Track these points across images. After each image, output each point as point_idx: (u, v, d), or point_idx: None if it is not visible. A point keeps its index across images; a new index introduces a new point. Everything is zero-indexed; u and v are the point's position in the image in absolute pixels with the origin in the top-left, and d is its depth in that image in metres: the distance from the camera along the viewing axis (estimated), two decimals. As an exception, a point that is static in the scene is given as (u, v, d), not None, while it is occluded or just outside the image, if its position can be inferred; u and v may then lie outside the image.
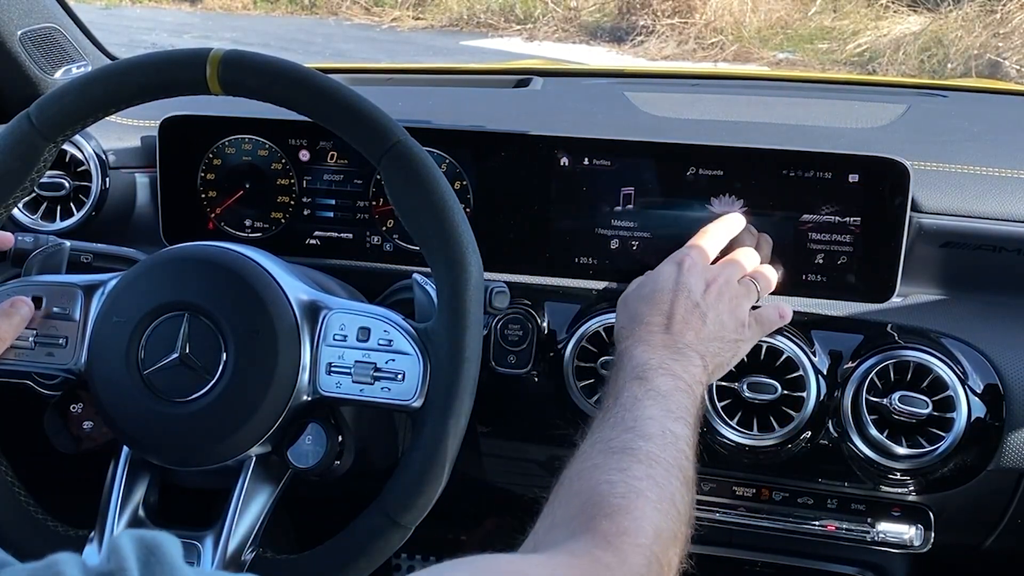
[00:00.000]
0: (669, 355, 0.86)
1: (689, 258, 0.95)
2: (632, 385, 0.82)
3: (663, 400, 0.80)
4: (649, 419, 0.78)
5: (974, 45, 6.93)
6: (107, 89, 0.84)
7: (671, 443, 0.76)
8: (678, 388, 0.82)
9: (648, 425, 0.77)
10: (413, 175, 0.82)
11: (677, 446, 0.77)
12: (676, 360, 0.85)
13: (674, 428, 0.78)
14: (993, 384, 0.99)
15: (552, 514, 0.72)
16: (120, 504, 0.88)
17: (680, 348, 0.87)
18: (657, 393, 0.81)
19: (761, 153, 1.03)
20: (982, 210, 1.03)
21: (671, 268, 0.94)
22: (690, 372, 0.85)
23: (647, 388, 0.81)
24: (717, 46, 8.05)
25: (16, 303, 0.88)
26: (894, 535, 1.05)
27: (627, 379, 0.83)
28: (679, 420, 0.79)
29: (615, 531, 0.67)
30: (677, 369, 0.84)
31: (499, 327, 1.07)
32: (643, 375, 0.83)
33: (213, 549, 0.86)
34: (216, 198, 1.16)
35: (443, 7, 9.85)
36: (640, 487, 0.71)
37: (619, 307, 0.97)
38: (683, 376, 0.84)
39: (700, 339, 0.89)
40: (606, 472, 0.72)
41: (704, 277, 0.93)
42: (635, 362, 0.85)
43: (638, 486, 0.71)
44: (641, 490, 0.70)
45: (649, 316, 0.90)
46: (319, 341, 0.86)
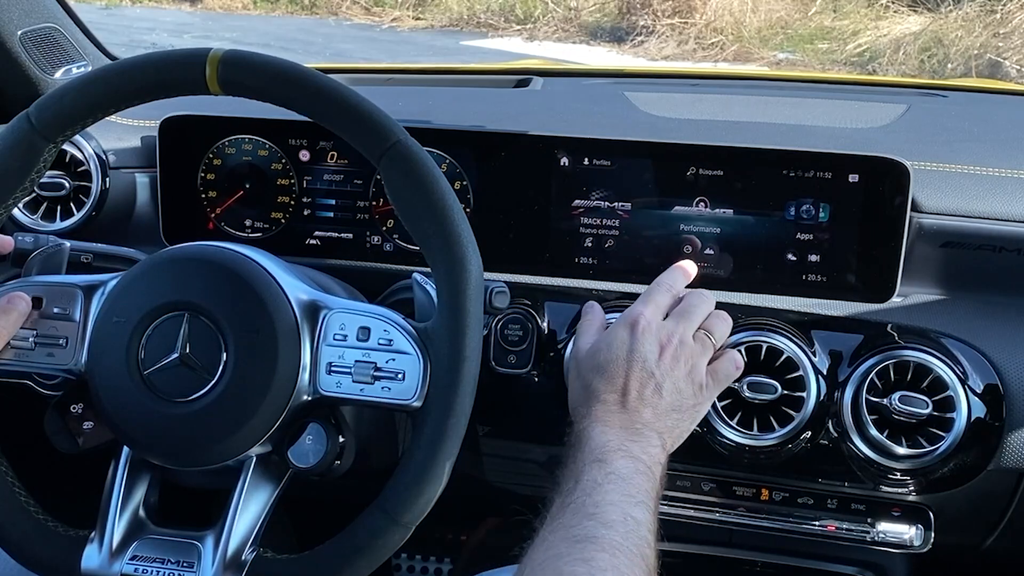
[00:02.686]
0: (627, 436, 0.85)
1: (643, 318, 0.92)
2: (592, 468, 0.81)
3: (624, 484, 0.80)
4: (610, 505, 0.77)
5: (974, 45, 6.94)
6: (107, 89, 0.84)
7: (633, 530, 0.76)
8: (638, 471, 0.82)
9: (609, 512, 0.77)
10: (413, 175, 0.82)
11: (639, 533, 0.76)
12: (635, 441, 0.85)
13: (635, 514, 0.78)
14: (993, 384, 0.99)
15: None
16: (120, 504, 0.88)
17: (638, 428, 0.86)
18: (617, 476, 0.80)
19: (761, 153, 1.03)
20: (982, 210, 1.03)
21: (624, 333, 0.92)
22: (649, 453, 0.84)
23: (607, 471, 0.81)
24: (717, 46, 8.05)
25: (13, 299, 0.88)
26: (894, 535, 1.05)
27: (586, 461, 0.82)
28: (640, 505, 0.79)
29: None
30: (636, 451, 0.84)
31: (499, 327, 1.07)
32: (602, 457, 0.82)
33: (213, 549, 0.86)
34: (216, 198, 1.16)
35: (443, 7, 9.85)
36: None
37: (571, 375, 0.95)
38: (642, 458, 0.83)
39: (657, 415, 0.88)
40: (570, 563, 0.72)
41: (658, 340, 0.91)
42: (593, 444, 0.84)
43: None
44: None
45: (604, 393, 0.89)
46: (319, 341, 0.86)
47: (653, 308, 0.94)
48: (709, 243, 1.06)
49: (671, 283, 0.98)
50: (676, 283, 0.99)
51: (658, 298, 0.96)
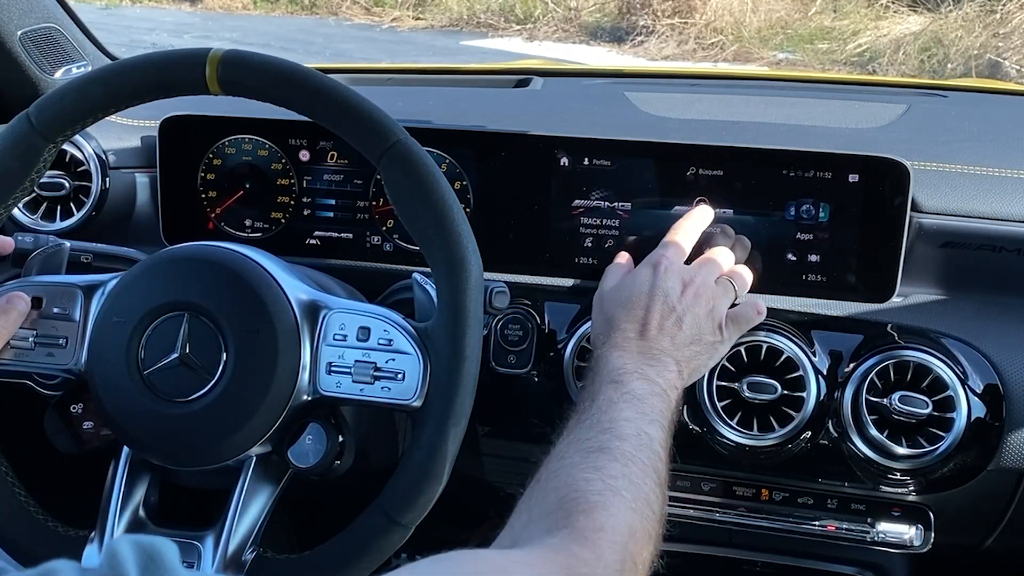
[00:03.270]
0: (644, 361, 0.87)
1: (665, 259, 0.95)
2: (608, 389, 0.83)
3: (638, 403, 0.81)
4: (624, 420, 0.79)
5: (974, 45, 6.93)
6: (107, 89, 0.84)
7: (646, 444, 0.78)
8: (653, 392, 0.84)
9: (623, 426, 0.78)
10: (413, 175, 0.82)
11: (651, 447, 0.78)
12: (651, 366, 0.86)
13: (648, 430, 0.79)
14: (993, 384, 0.99)
15: (529, 510, 0.73)
16: (120, 504, 0.88)
17: (655, 354, 0.88)
18: (632, 396, 0.82)
19: (761, 153, 1.03)
20: (982, 210, 1.03)
21: (647, 271, 0.94)
22: (665, 377, 0.86)
23: (623, 392, 0.82)
24: (717, 46, 8.05)
25: (12, 299, 0.88)
26: (894, 535, 1.05)
27: (603, 383, 0.84)
28: (654, 423, 0.80)
29: (592, 527, 0.68)
30: (652, 374, 0.85)
31: (499, 327, 1.07)
32: (618, 379, 0.84)
33: (213, 549, 0.86)
34: (216, 198, 1.16)
35: (443, 7, 9.85)
36: (616, 485, 0.72)
37: (595, 309, 0.97)
38: (658, 381, 0.85)
39: (676, 345, 0.89)
40: (583, 470, 0.73)
41: (681, 278, 0.93)
42: (611, 367, 0.86)
43: (614, 484, 0.72)
44: (617, 488, 0.72)
45: (625, 322, 0.91)
46: (319, 341, 0.86)
47: (675, 250, 0.97)
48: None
49: (690, 227, 1.00)
50: (695, 227, 1.00)
51: (680, 239, 0.98)
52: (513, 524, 0.73)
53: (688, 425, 1.02)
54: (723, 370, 1.00)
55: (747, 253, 1.04)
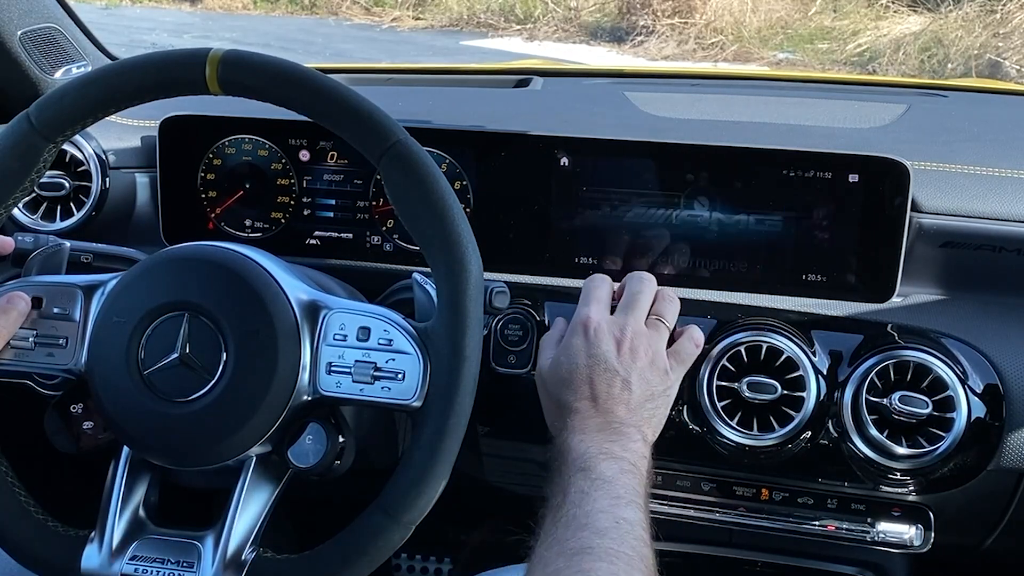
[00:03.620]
0: (606, 438, 0.85)
1: (591, 320, 0.92)
2: (577, 479, 0.81)
3: (610, 487, 0.80)
4: (600, 512, 0.77)
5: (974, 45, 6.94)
6: (107, 89, 0.84)
7: (627, 532, 0.76)
8: (623, 470, 0.82)
9: (600, 519, 0.77)
10: (413, 175, 0.82)
11: (633, 534, 0.76)
12: (614, 441, 0.85)
13: (626, 515, 0.77)
14: (993, 384, 0.99)
15: None
16: (120, 504, 0.88)
17: (615, 427, 0.86)
18: (603, 481, 0.80)
19: (761, 153, 1.03)
20: (982, 210, 1.03)
21: (578, 340, 0.91)
22: (631, 450, 0.84)
23: (592, 478, 0.81)
24: (717, 46, 8.05)
25: (12, 299, 0.88)
26: (894, 535, 1.05)
27: (571, 473, 0.82)
28: (630, 504, 0.79)
29: None
30: (617, 451, 0.83)
31: (499, 327, 1.07)
32: (585, 465, 0.82)
33: (213, 549, 0.86)
34: (216, 198, 1.16)
35: (443, 7, 9.85)
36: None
37: (540, 393, 0.95)
38: (625, 456, 0.83)
39: (631, 410, 0.88)
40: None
41: (613, 336, 0.91)
42: (575, 454, 0.84)
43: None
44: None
45: (575, 402, 0.89)
46: (319, 341, 0.86)
47: (597, 306, 0.94)
48: (709, 243, 1.06)
49: (601, 276, 0.98)
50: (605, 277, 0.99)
51: (598, 293, 0.96)
52: None
53: (688, 425, 1.02)
54: (723, 370, 1.00)
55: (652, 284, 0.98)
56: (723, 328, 1.03)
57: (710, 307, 1.06)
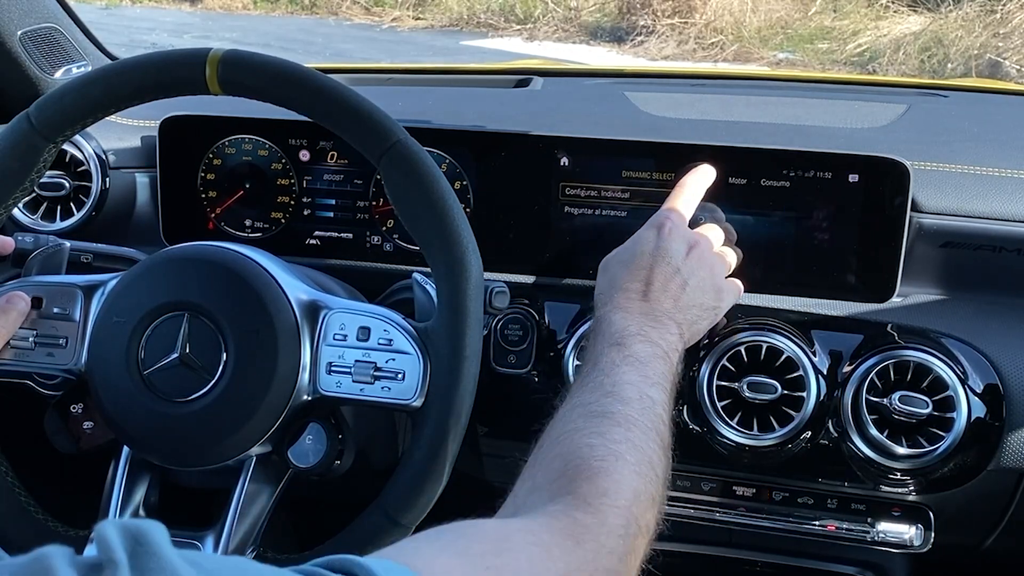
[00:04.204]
0: (647, 322, 0.86)
1: (669, 220, 0.94)
2: (610, 351, 0.82)
3: (641, 366, 0.81)
4: (627, 384, 0.78)
5: (974, 45, 6.94)
6: (107, 89, 0.84)
7: (648, 407, 0.77)
8: (655, 355, 0.83)
9: (626, 390, 0.78)
10: (413, 175, 0.82)
11: (654, 411, 0.78)
12: (654, 327, 0.86)
13: (651, 393, 0.79)
14: (993, 384, 0.99)
15: (532, 477, 0.73)
16: (120, 504, 0.88)
17: (658, 316, 0.87)
18: (635, 359, 0.81)
19: (761, 153, 1.03)
20: (982, 210, 1.03)
21: (651, 233, 0.93)
22: (667, 339, 0.85)
23: (625, 354, 0.82)
24: (717, 46, 8.05)
25: (12, 299, 0.88)
26: (894, 535, 1.05)
27: (605, 345, 0.83)
28: (656, 385, 0.80)
29: (595, 493, 0.67)
30: (654, 336, 0.84)
31: (499, 327, 1.07)
32: (621, 341, 0.83)
33: (214, 549, 0.86)
34: (216, 198, 1.16)
35: (443, 7, 9.85)
36: (619, 450, 0.71)
37: (600, 272, 0.96)
38: (660, 343, 0.84)
39: (678, 307, 0.89)
40: (586, 435, 0.73)
41: (686, 240, 0.93)
42: (613, 328, 0.85)
43: (617, 449, 0.71)
44: (620, 453, 0.71)
45: (628, 282, 0.90)
46: (319, 341, 0.86)
47: (678, 213, 0.96)
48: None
49: (692, 188, 1.00)
50: (698, 188, 1.00)
51: (683, 201, 0.98)
52: (516, 492, 0.73)
53: (688, 425, 1.02)
54: (723, 370, 1.00)
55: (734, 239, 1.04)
56: (723, 328, 1.03)
57: (710, 307, 1.06)
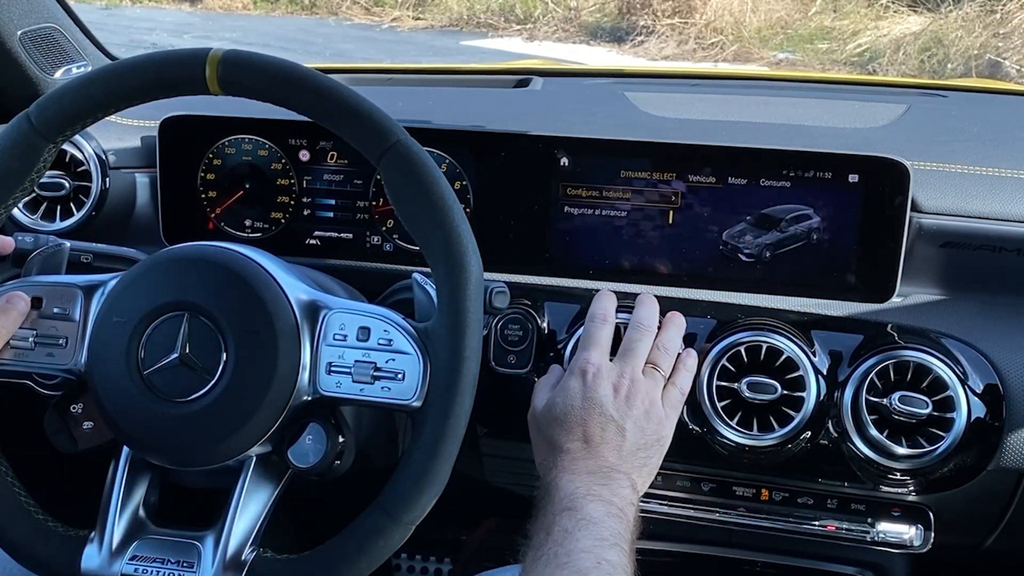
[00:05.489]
0: (596, 480, 0.84)
1: (591, 364, 0.92)
2: (562, 517, 0.80)
3: (595, 528, 0.79)
4: (582, 552, 0.76)
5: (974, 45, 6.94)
6: (107, 89, 0.84)
7: (608, 574, 0.75)
8: (609, 514, 0.81)
9: (582, 559, 0.76)
10: (413, 175, 0.82)
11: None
12: (604, 485, 0.84)
13: (609, 556, 0.77)
14: (993, 384, 0.99)
15: None
16: (120, 504, 0.88)
17: (605, 472, 0.85)
18: (588, 521, 0.79)
19: (761, 153, 1.03)
20: (982, 210, 1.03)
21: (576, 383, 0.91)
22: (619, 495, 0.84)
23: (578, 518, 0.80)
24: (717, 46, 8.05)
25: (12, 299, 0.88)
26: (894, 535, 1.05)
27: (556, 512, 0.81)
28: (613, 547, 0.78)
29: None
30: (606, 494, 0.83)
31: (499, 327, 1.07)
32: (571, 505, 0.81)
33: (213, 549, 0.86)
34: (216, 198, 1.16)
35: (443, 7, 9.85)
36: None
37: (532, 433, 0.95)
38: (613, 500, 0.83)
39: (623, 456, 0.87)
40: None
41: (611, 382, 0.91)
42: (562, 493, 0.83)
43: None
44: None
45: (567, 442, 0.88)
46: (319, 341, 0.86)
47: (598, 351, 0.94)
48: (709, 243, 1.06)
49: (603, 314, 0.98)
50: (608, 312, 0.99)
51: (599, 337, 0.96)
52: None
53: (688, 425, 1.02)
54: (723, 370, 1.00)
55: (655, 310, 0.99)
56: (723, 328, 1.03)
57: (710, 307, 1.06)
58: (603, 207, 1.07)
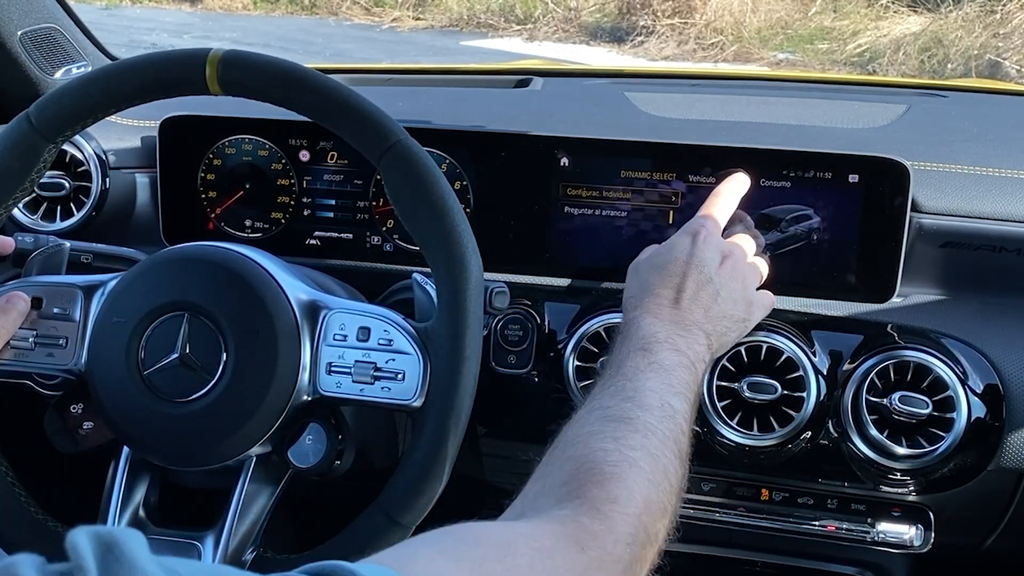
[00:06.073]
0: (676, 330, 0.85)
1: (704, 229, 0.92)
2: (636, 356, 0.81)
3: (665, 374, 0.79)
4: (650, 391, 0.77)
5: (974, 45, 6.94)
6: (107, 89, 0.84)
7: (669, 416, 0.76)
8: (681, 364, 0.81)
9: (648, 397, 0.76)
10: (413, 175, 0.82)
11: (675, 420, 0.76)
12: (682, 336, 0.84)
13: (673, 402, 0.77)
14: (993, 384, 0.99)
15: (543, 478, 0.71)
16: (120, 504, 0.88)
17: (687, 325, 0.86)
18: (660, 366, 0.80)
19: (761, 153, 1.03)
20: (982, 210, 1.03)
21: (686, 240, 0.92)
22: (694, 349, 0.84)
23: (650, 360, 0.80)
24: (717, 46, 8.05)
25: (12, 299, 0.88)
26: (894, 535, 1.05)
27: (631, 349, 0.82)
28: (679, 395, 0.79)
29: (604, 498, 0.66)
30: (682, 345, 0.83)
31: (499, 327, 1.07)
32: (647, 347, 0.82)
33: (214, 549, 0.86)
34: (216, 198, 1.16)
35: (443, 7, 9.85)
36: (634, 456, 0.70)
37: (629, 274, 0.95)
38: (687, 352, 0.83)
39: (708, 317, 0.87)
40: (601, 439, 0.71)
41: (720, 250, 0.92)
42: (641, 333, 0.83)
43: (632, 455, 0.70)
44: (635, 460, 0.70)
45: (659, 288, 0.88)
46: (319, 341, 0.86)
47: (713, 221, 0.95)
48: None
49: (727, 197, 0.98)
50: (733, 197, 0.99)
51: (721, 208, 0.96)
52: (527, 492, 0.71)
53: (688, 425, 1.02)
54: (723, 370, 1.00)
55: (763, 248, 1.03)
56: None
57: (710, 307, 1.06)
58: (603, 207, 1.07)
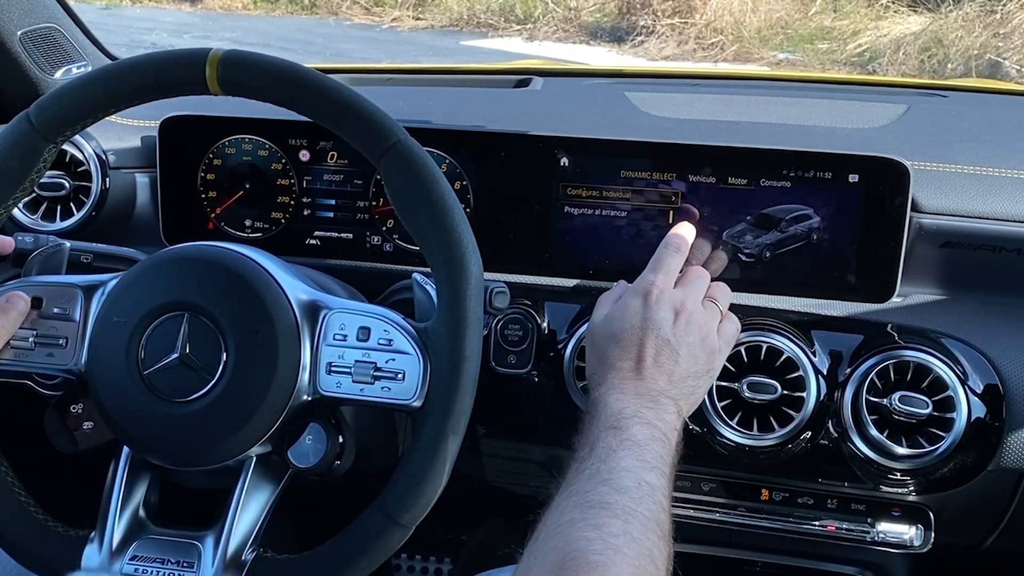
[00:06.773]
0: (643, 403, 0.85)
1: (655, 287, 0.92)
2: (607, 435, 0.81)
3: (639, 449, 0.80)
4: (624, 471, 0.77)
5: (974, 45, 6.94)
6: (107, 89, 0.84)
7: (647, 495, 0.76)
8: (653, 437, 0.82)
9: (624, 477, 0.76)
10: (413, 175, 0.82)
11: (653, 498, 0.76)
12: (651, 408, 0.85)
13: (649, 479, 0.77)
14: (993, 384, 0.99)
15: (528, 570, 0.71)
16: (120, 504, 0.88)
17: (654, 395, 0.86)
18: (632, 443, 0.80)
19: (761, 153, 1.03)
20: (982, 210, 1.03)
21: (637, 302, 0.92)
22: (664, 420, 0.84)
23: (622, 438, 0.81)
24: (717, 46, 8.05)
25: (12, 299, 0.88)
26: (894, 535, 1.05)
27: (602, 429, 0.82)
28: (654, 470, 0.79)
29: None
30: (651, 417, 0.84)
31: (499, 327, 1.07)
32: (617, 424, 0.82)
33: (213, 549, 0.86)
34: (216, 198, 1.16)
35: (443, 7, 9.85)
36: (617, 544, 0.70)
37: (588, 347, 0.95)
38: (657, 424, 0.83)
39: (673, 382, 0.88)
40: (583, 528, 0.71)
41: (672, 306, 0.91)
42: (609, 411, 0.84)
43: (615, 543, 0.70)
44: (618, 547, 0.70)
45: (619, 360, 0.89)
46: (319, 341, 0.86)
47: (664, 275, 0.95)
48: (709, 243, 1.06)
49: (678, 244, 0.99)
50: (682, 243, 0.99)
51: (668, 263, 0.96)
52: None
53: (688, 425, 1.02)
54: (723, 370, 1.00)
55: (723, 265, 1.03)
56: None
57: (710, 307, 1.06)
58: (603, 207, 1.07)
